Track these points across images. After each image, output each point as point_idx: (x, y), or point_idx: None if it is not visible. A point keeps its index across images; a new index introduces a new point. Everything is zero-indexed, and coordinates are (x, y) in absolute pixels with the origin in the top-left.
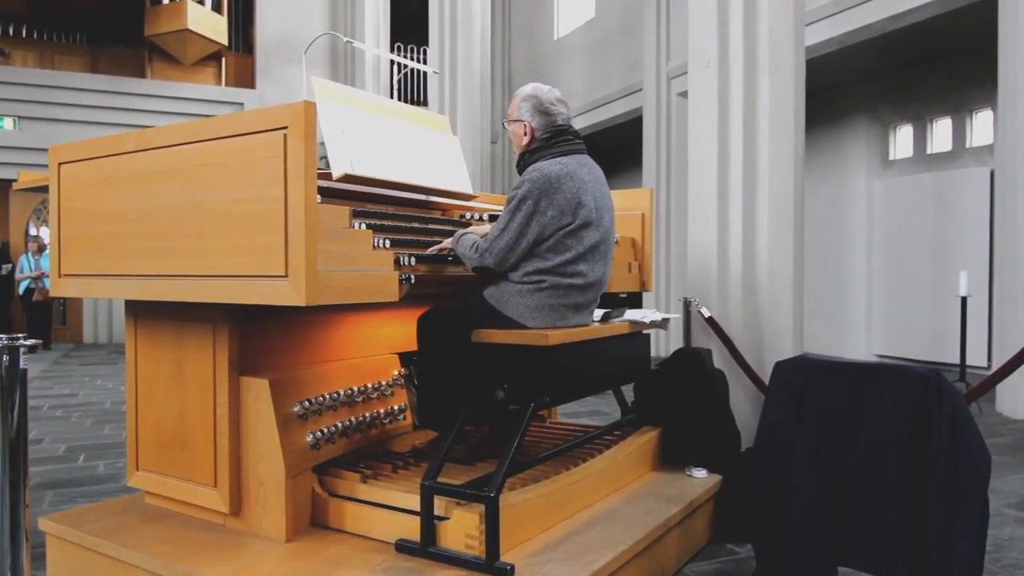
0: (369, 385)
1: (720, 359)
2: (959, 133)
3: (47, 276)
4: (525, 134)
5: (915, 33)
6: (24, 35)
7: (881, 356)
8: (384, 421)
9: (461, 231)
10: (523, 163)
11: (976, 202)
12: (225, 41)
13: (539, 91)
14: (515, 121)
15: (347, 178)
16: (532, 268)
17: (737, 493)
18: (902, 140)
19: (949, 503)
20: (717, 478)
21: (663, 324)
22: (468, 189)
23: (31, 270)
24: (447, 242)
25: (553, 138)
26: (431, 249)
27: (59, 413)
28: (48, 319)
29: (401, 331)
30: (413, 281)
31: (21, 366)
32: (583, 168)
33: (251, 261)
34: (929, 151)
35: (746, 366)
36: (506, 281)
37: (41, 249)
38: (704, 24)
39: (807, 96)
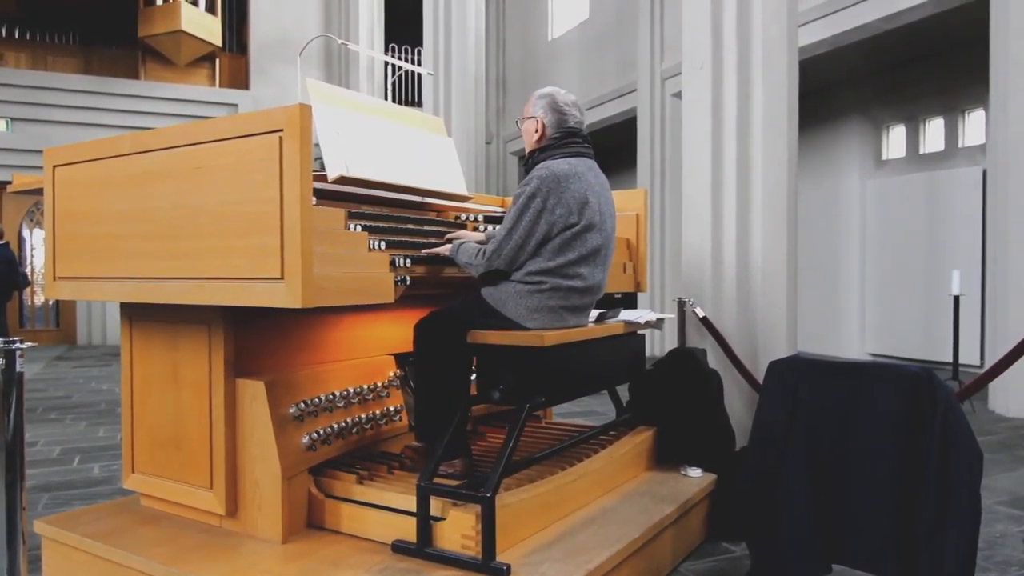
0: (365, 386)
1: (714, 359)
2: (951, 133)
3: None
4: (537, 131)
5: (908, 33)
6: (16, 36)
7: (875, 355)
8: (380, 422)
9: (457, 241)
10: (532, 161)
11: (968, 201)
12: (219, 42)
13: (556, 91)
14: (528, 118)
15: (342, 180)
16: (535, 268)
17: (731, 492)
18: (895, 140)
19: (941, 500)
20: (712, 477)
21: (658, 324)
22: (463, 190)
23: None
24: (443, 248)
25: (564, 139)
26: (425, 251)
27: (53, 416)
28: None
29: (397, 332)
30: (408, 282)
31: (17, 369)
32: (590, 172)
33: (247, 263)
34: (922, 151)
35: (740, 365)
36: (506, 281)
37: None
38: (698, 25)
39: (800, 96)
